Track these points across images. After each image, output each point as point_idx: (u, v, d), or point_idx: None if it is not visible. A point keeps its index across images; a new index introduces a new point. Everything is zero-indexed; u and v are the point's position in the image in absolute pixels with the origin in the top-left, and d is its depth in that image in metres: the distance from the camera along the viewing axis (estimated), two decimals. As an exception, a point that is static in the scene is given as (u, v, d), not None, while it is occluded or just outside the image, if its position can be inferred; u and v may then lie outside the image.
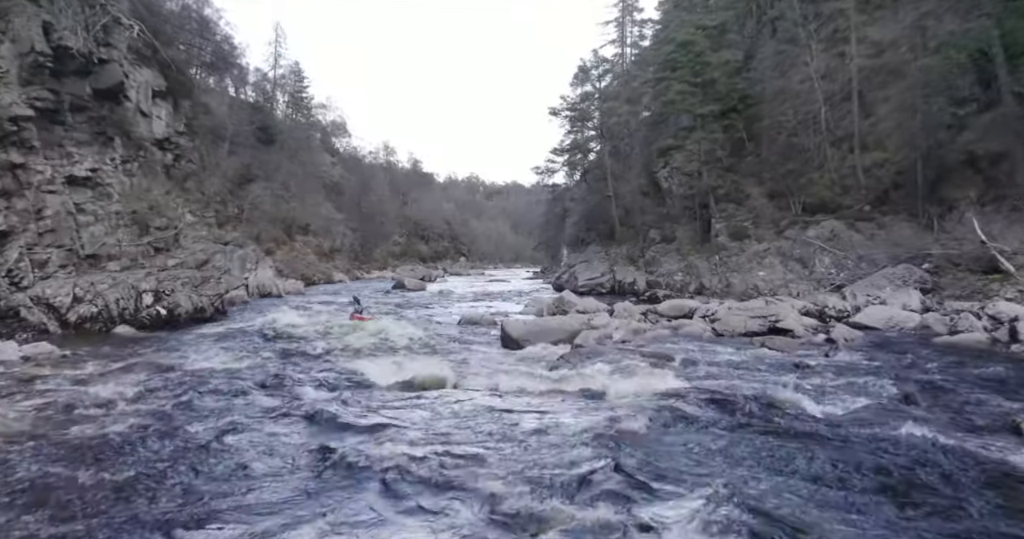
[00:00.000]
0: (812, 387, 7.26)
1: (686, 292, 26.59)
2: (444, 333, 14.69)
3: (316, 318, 17.06)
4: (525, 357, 10.78)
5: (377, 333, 14.30)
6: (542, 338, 11.90)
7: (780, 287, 23.92)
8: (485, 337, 14.27)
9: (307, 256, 42.37)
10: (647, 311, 19.81)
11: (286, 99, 64.68)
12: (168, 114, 21.82)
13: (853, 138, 27.45)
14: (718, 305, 17.77)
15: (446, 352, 11.62)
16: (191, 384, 8.32)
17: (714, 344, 11.84)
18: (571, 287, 32.18)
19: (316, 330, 14.45)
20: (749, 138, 31.57)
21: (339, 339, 13.14)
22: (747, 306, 13.79)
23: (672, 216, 32.78)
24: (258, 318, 16.68)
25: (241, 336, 13.81)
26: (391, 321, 15.80)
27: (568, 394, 7.40)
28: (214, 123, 31.97)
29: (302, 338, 13.33)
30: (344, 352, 11.34)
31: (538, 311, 20.54)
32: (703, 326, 14.32)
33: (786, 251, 25.53)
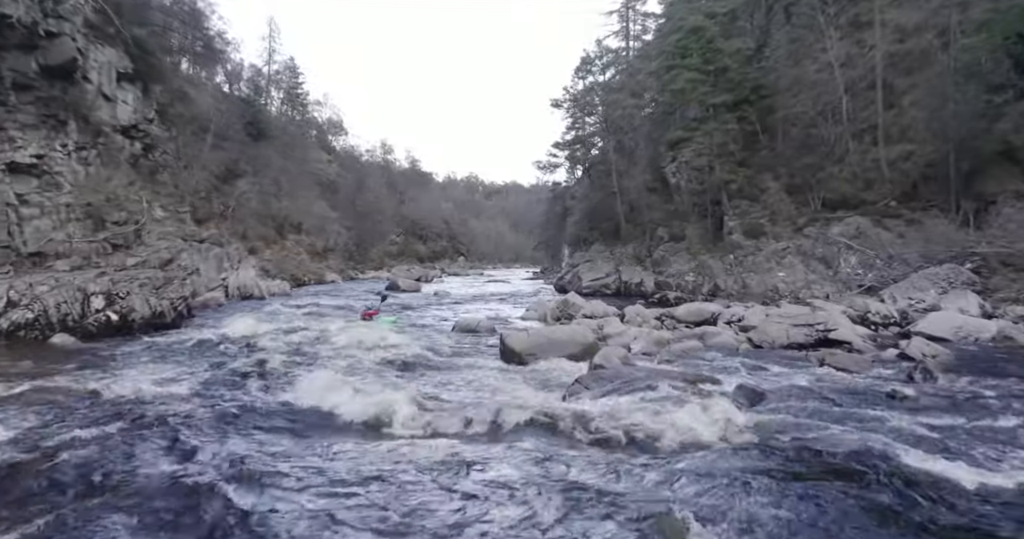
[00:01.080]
0: (939, 436, 5.09)
1: (699, 294, 24.42)
2: (434, 343, 12.49)
3: (288, 324, 14.86)
4: (530, 377, 8.58)
5: (354, 343, 12.13)
6: (550, 352, 9.72)
7: (802, 288, 21.78)
8: (482, 348, 12.08)
9: (299, 256, 40.14)
10: (662, 316, 17.64)
11: (281, 96, 62.53)
12: (136, 99, 19.61)
13: (876, 129, 25.30)
14: (744, 309, 15.59)
15: (432, 370, 9.42)
16: (87, 421, 6.14)
17: (758, 360, 9.66)
18: (574, 288, 30.01)
19: (281, 340, 12.26)
20: (763, 130, 29.42)
21: (302, 352, 10.94)
22: (787, 312, 11.61)
23: (680, 213, 30.62)
24: (226, 324, 14.46)
25: (195, 348, 11.61)
26: (369, 329, 13.59)
27: (596, 443, 5.22)
28: (196, 114, 29.70)
29: (262, 349, 11.14)
30: (301, 370, 9.13)
31: (541, 316, 18.36)
32: (734, 336, 12.14)
33: (807, 250, 23.38)
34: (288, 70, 59.92)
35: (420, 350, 11.45)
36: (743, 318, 14.64)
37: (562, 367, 9.21)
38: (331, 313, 18.76)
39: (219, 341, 12.34)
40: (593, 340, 10.08)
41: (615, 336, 12.49)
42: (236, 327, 13.94)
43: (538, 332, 10.10)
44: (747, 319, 13.87)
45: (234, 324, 14.35)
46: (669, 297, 24.28)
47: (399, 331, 13.99)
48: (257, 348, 11.40)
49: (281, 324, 14.82)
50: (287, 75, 60.11)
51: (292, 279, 32.97)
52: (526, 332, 10.19)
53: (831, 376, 7.98)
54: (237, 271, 25.02)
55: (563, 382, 8.03)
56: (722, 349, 11.02)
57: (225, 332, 13.51)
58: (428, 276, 45.78)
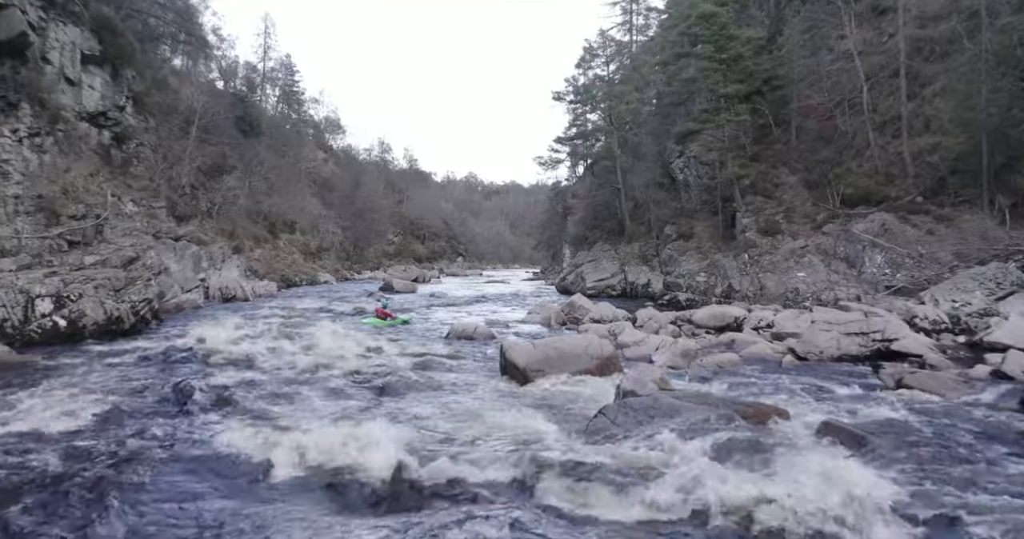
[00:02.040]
0: None
1: (711, 295, 22.67)
2: (424, 353, 10.70)
3: (263, 330, 13.05)
4: (539, 402, 6.81)
5: (332, 354, 10.35)
6: (560, 367, 7.95)
7: (824, 290, 20.01)
8: (479, 359, 10.31)
9: (291, 255, 38.32)
10: (677, 320, 15.88)
11: (277, 93, 60.75)
12: (105, 84, 17.81)
13: (898, 121, 23.55)
14: (772, 313, 13.81)
15: (419, 391, 7.63)
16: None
17: (811, 377, 7.91)
18: (578, 289, 28.24)
19: (247, 350, 10.48)
20: (775, 124, 27.67)
21: (268, 368, 9.17)
22: (836, 318, 9.83)
23: (689, 211, 28.86)
24: (192, 331, 12.64)
25: (141, 362, 9.81)
26: (351, 337, 11.82)
27: (647, 527, 3.45)
28: (178, 105, 27.93)
29: (221, 364, 9.37)
30: (257, 394, 7.37)
31: (544, 319, 16.60)
32: (771, 345, 10.37)
33: (827, 248, 21.60)
34: (284, 67, 58.18)
35: (407, 363, 9.67)
36: (773, 323, 12.88)
37: (576, 388, 7.43)
38: (316, 317, 16.98)
39: (175, 352, 10.54)
40: (611, 352, 8.30)
41: (632, 345, 10.73)
42: (202, 335, 12.13)
43: (545, 343, 8.31)
44: (780, 325, 12.10)
45: (201, 331, 12.53)
46: (680, 299, 22.52)
47: (388, 338, 12.23)
48: (215, 362, 9.62)
49: (255, 330, 13.00)
50: (283, 72, 58.33)
51: (282, 279, 31.19)
52: (531, 343, 8.39)
53: (919, 403, 6.22)
54: (220, 271, 23.25)
55: (581, 411, 6.26)
56: (761, 362, 9.25)
57: (188, 341, 11.71)
58: (425, 276, 43.99)
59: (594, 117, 36.97)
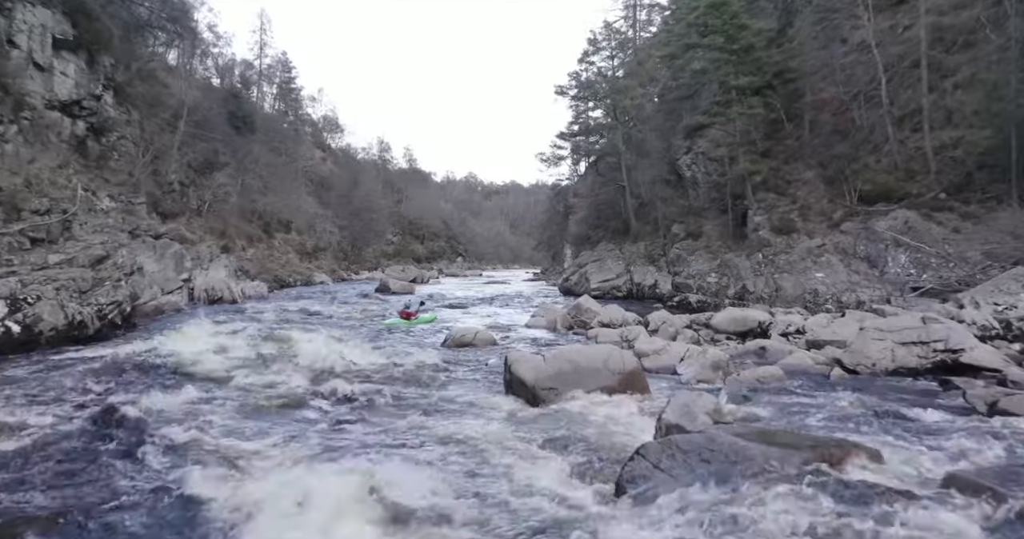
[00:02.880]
0: None
1: (723, 297, 21.39)
2: (416, 365, 9.40)
3: (241, 336, 11.76)
4: (551, 431, 5.53)
5: (311, 364, 9.07)
6: (576, 384, 6.67)
7: (845, 291, 18.72)
8: (480, 371, 9.02)
9: (286, 255, 37.02)
10: (693, 324, 14.61)
11: (274, 91, 59.48)
12: (79, 71, 16.52)
13: (918, 114, 22.27)
14: (801, 318, 12.52)
15: (405, 415, 6.34)
16: None
17: (874, 396, 6.62)
18: (582, 290, 26.96)
19: (215, 360, 9.22)
20: (788, 118, 26.41)
21: (233, 384, 7.88)
22: (888, 325, 8.53)
23: (696, 209, 27.60)
24: (163, 338, 11.30)
25: (100, 374, 8.49)
26: (334, 342, 10.55)
27: None
28: (164, 98, 26.65)
29: (181, 380, 8.08)
30: (215, 419, 6.08)
31: (550, 323, 15.31)
32: (809, 355, 9.07)
33: (846, 247, 20.32)
34: (280, 64, 56.88)
35: (397, 377, 8.39)
36: (804, 329, 11.61)
37: (597, 411, 6.15)
38: (305, 321, 15.70)
39: (137, 363, 9.25)
40: (635, 366, 7.01)
41: (652, 355, 9.43)
42: (173, 343, 10.86)
43: (558, 356, 7.01)
44: (813, 331, 10.82)
45: (173, 338, 11.26)
46: (691, 300, 21.27)
47: (376, 346, 10.95)
48: (179, 376, 8.36)
49: (232, 337, 11.70)
50: (279, 69, 57.04)
51: (275, 280, 29.89)
52: (540, 356, 7.08)
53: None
54: (207, 271, 21.93)
55: (608, 445, 4.97)
56: (805, 376, 7.96)
57: (155, 350, 10.43)
58: (424, 277, 42.68)
59: (597, 114, 35.72)
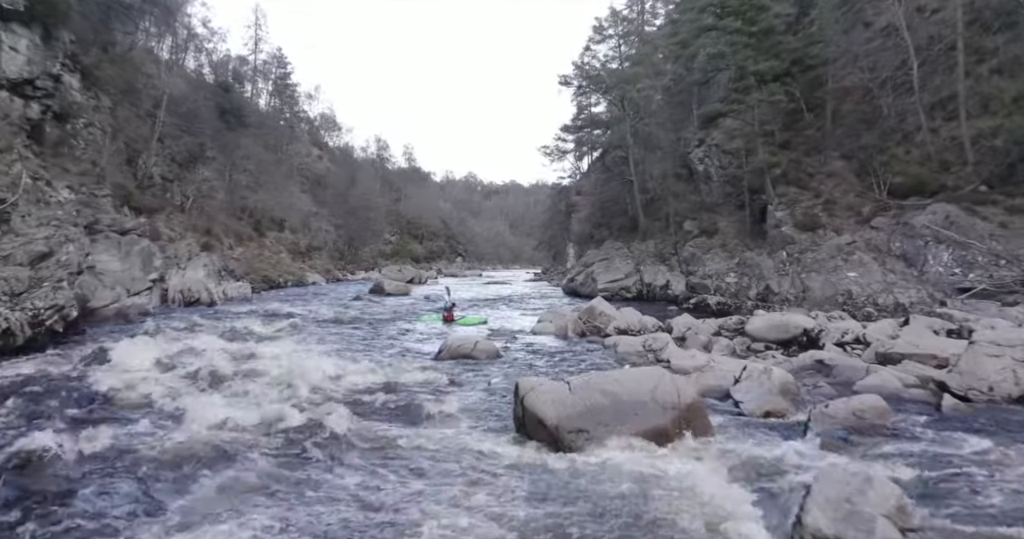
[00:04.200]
0: None
1: (745, 298, 19.47)
2: (401, 384, 7.49)
3: (203, 346, 9.81)
4: (583, 510, 3.60)
5: (277, 387, 7.16)
6: (613, 423, 4.78)
7: (881, 292, 16.81)
8: (481, 394, 7.10)
9: (278, 254, 35.07)
10: (722, 330, 12.70)
11: (270, 87, 57.55)
12: (32, 47, 14.57)
13: (951, 102, 20.42)
14: (859, 325, 10.57)
15: (378, 466, 4.43)
16: None
17: (1017, 435, 4.70)
18: (588, 290, 25.03)
19: (159, 385, 7.30)
20: (808, 108, 24.51)
21: (170, 416, 5.98)
22: (1007, 338, 6.62)
23: (709, 204, 25.68)
24: (109, 351, 9.36)
25: (10, 400, 6.54)
26: (305, 356, 8.64)
27: None
28: (134, 82, 24.70)
29: (110, 409, 6.20)
30: (131, 472, 4.20)
31: (559, 328, 13.37)
32: (896, 375, 7.14)
33: (879, 244, 18.40)
34: (275, 60, 54.94)
35: (376, 405, 6.46)
36: (865, 337, 9.69)
37: (650, 466, 4.23)
38: (285, 327, 13.76)
39: (62, 385, 7.35)
40: (693, 399, 5.08)
41: (693, 372, 7.52)
42: (119, 356, 8.95)
43: (588, 383, 5.08)
44: (880, 341, 8.89)
45: (120, 350, 9.32)
46: (710, 303, 19.35)
47: (352, 360, 9.01)
48: (109, 403, 6.48)
49: (189, 347, 9.75)
50: (274, 65, 55.10)
51: (264, 280, 27.97)
52: (564, 384, 5.13)
53: None
54: (184, 271, 19.99)
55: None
56: (908, 407, 6.03)
57: (93, 366, 8.55)
58: (422, 277, 40.72)
59: (600, 108, 33.82)
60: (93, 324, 13.72)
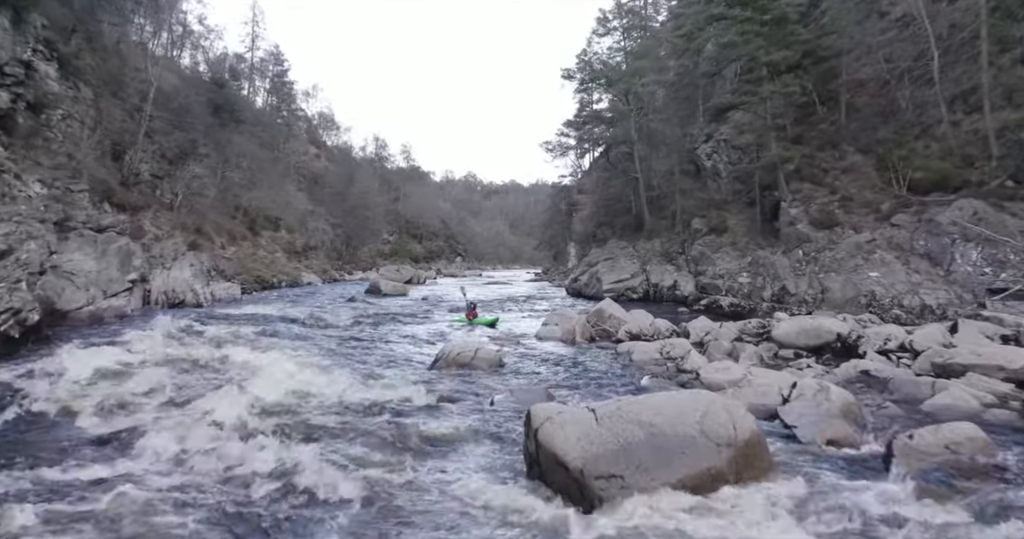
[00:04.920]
0: None
1: (760, 299, 18.39)
2: (388, 403, 6.39)
3: (170, 354, 8.70)
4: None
5: (245, 404, 6.05)
6: (652, 467, 3.66)
7: (906, 293, 15.73)
8: (483, 418, 6.00)
9: (273, 254, 33.94)
10: (743, 335, 11.60)
11: (267, 85, 56.40)
12: (1, 31, 13.47)
13: (972, 94, 19.34)
14: (903, 330, 9.45)
15: (345, 521, 3.31)
16: None
17: None
18: (593, 291, 23.96)
19: (108, 407, 6.20)
20: (820, 101, 23.43)
21: (106, 457, 4.87)
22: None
23: (718, 202, 24.60)
24: (66, 361, 8.26)
25: None
26: (282, 367, 7.55)
27: None
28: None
29: (41, 437, 5.08)
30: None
31: (566, 333, 12.26)
32: (970, 392, 6.04)
33: (901, 243, 17.31)
34: (272, 57, 53.81)
35: (350, 433, 5.35)
36: (911, 344, 8.58)
37: (707, 528, 3.13)
38: (271, 332, 12.65)
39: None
40: (752, 432, 3.98)
41: (729, 387, 6.43)
42: (73, 369, 7.84)
43: (619, 413, 3.97)
44: (937, 352, 7.78)
45: (76, 362, 8.21)
46: (722, 304, 18.26)
47: (327, 374, 7.89)
48: (31, 424, 5.36)
49: (150, 355, 8.64)
50: (271, 62, 53.98)
51: (257, 281, 26.84)
52: (589, 414, 4.01)
53: None
54: (169, 271, 18.87)
55: None
56: (997, 433, 4.92)
57: (39, 381, 7.44)
58: (420, 277, 39.59)
59: (603, 105, 32.70)
60: (64, 328, 12.65)
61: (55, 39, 16.47)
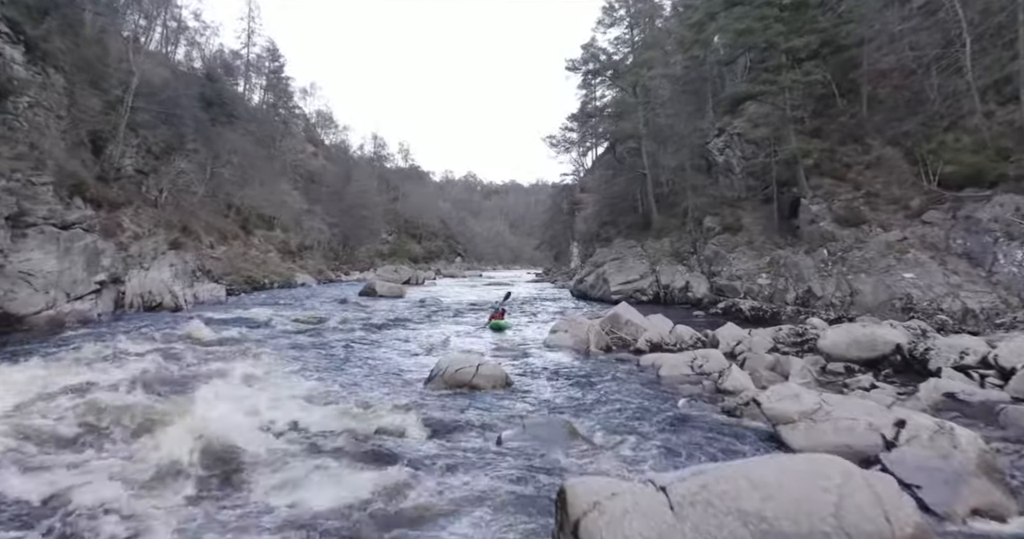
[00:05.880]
0: None
1: (780, 302, 16.93)
2: (366, 437, 4.95)
3: (113, 372, 7.25)
4: None
5: (192, 441, 4.59)
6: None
7: (945, 296, 14.29)
8: (482, 457, 4.55)
9: (266, 254, 32.51)
10: (777, 344, 10.18)
11: (263, 82, 54.94)
12: (-50, 7, 12.07)
13: (1006, 83, 17.94)
14: (989, 345, 7.97)
15: None
16: None
17: None
18: (600, 293, 22.53)
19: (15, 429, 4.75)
20: (840, 93, 22.00)
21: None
22: None
23: (731, 199, 23.16)
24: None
25: None
26: (248, 390, 6.11)
27: None
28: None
29: None
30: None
31: (578, 341, 10.80)
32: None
33: (936, 242, 15.88)
34: (269, 53, 52.34)
35: (313, 490, 3.90)
36: (996, 360, 7.13)
37: None
38: (240, 337, 11.20)
39: None
40: (916, 525, 2.51)
41: (800, 421, 4.98)
42: None
43: (703, 499, 2.50)
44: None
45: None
46: (742, 307, 16.79)
47: (320, 378, 6.45)
48: None
49: (93, 375, 7.19)
50: (268, 58, 52.52)
51: (247, 281, 25.39)
52: (661, 496, 2.57)
53: None
54: (146, 272, 17.42)
55: None
56: None
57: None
58: (419, 278, 38.13)
59: (608, 97, 31.23)
60: (19, 333, 11.22)
61: (21, 20, 15.04)
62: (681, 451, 4.97)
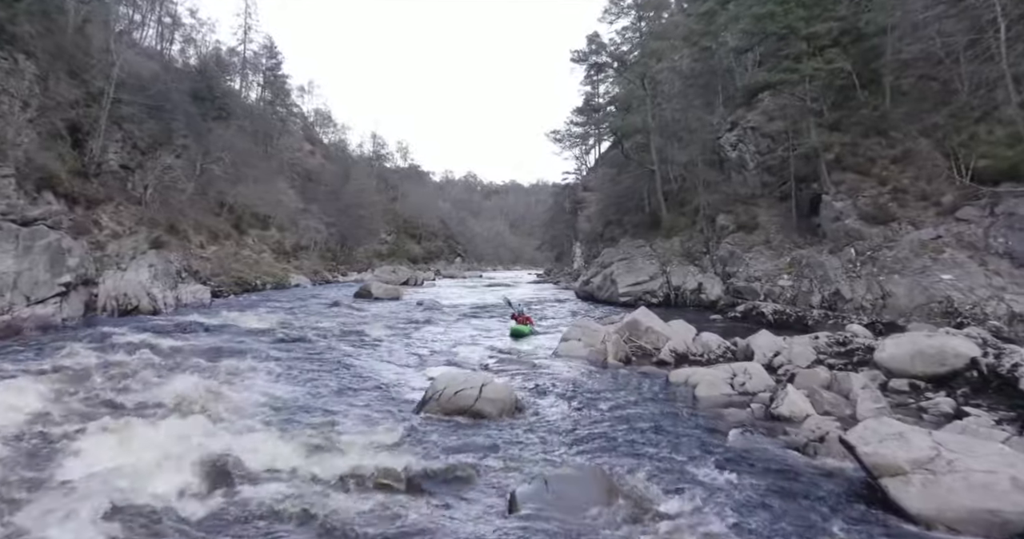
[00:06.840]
0: None
1: (804, 305, 15.60)
2: (330, 493, 3.60)
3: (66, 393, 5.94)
4: None
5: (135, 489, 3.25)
6: None
7: (988, 299, 12.98)
8: (489, 528, 3.22)
9: (259, 254, 31.19)
10: (818, 354, 8.88)
11: (260, 80, 53.61)
12: None
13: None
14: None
15: None
16: None
17: None
18: (608, 294, 21.23)
19: None
20: (861, 84, 20.69)
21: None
22: None
23: (745, 196, 21.85)
24: None
25: None
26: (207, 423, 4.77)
27: None
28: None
29: None
30: None
31: (595, 352, 9.47)
32: None
33: (974, 240, 14.57)
34: (265, 50, 51.05)
35: None
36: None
37: None
38: (213, 348, 9.88)
39: None
40: None
41: (911, 471, 3.68)
42: None
43: None
44: None
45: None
46: (764, 311, 15.48)
47: (266, 422, 5.14)
48: None
49: (20, 399, 5.87)
50: (265, 55, 51.22)
51: (238, 282, 24.06)
52: None
53: None
54: (123, 272, 16.11)
55: None
56: None
57: None
58: (418, 279, 36.80)
59: (613, 94, 29.91)
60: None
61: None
62: (757, 512, 3.67)
